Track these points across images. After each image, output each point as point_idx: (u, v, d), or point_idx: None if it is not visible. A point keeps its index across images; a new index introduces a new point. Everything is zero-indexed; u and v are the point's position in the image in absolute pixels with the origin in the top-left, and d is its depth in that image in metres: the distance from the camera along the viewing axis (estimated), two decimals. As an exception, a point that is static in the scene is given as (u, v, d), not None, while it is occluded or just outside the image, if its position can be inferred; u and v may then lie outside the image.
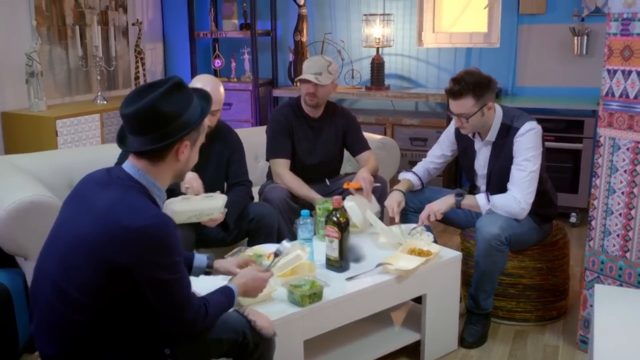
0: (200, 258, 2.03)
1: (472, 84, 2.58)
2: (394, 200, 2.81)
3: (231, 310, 1.81)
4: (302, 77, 3.04)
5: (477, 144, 2.80)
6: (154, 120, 1.60)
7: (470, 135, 2.79)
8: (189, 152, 1.69)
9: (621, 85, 2.38)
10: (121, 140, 1.70)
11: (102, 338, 1.61)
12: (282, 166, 3.07)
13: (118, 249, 1.52)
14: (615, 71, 2.41)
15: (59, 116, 3.90)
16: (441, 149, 2.99)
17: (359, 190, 2.88)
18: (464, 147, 2.87)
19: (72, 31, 4.41)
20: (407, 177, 2.97)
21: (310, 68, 3.04)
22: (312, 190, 2.99)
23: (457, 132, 2.84)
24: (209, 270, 2.04)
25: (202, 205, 2.52)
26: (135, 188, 1.62)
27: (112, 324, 1.61)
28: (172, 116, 1.61)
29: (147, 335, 1.66)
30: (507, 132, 2.67)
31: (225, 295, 1.81)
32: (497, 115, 2.69)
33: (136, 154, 1.66)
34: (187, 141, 1.66)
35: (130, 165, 1.66)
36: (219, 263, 2.06)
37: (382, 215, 2.92)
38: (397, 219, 2.76)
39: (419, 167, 3.02)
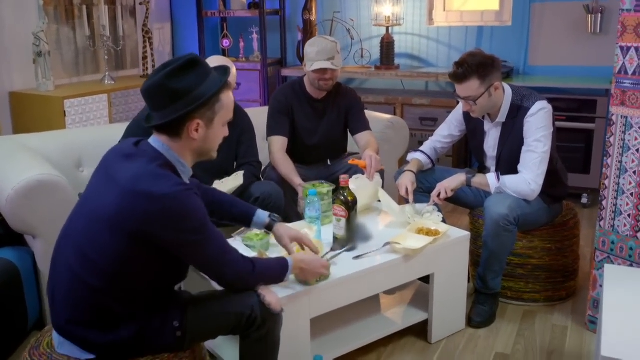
0: (262, 215, 2.08)
1: (475, 65, 2.54)
2: (408, 180, 2.77)
3: None
4: (320, 66, 2.93)
5: (487, 125, 2.77)
6: (163, 95, 1.63)
7: (480, 117, 2.75)
8: (204, 130, 1.68)
9: (634, 62, 2.33)
10: (148, 117, 1.72)
11: (115, 307, 1.63)
12: (276, 145, 3.03)
13: (141, 218, 1.56)
14: (628, 48, 2.35)
15: (67, 96, 3.90)
16: (449, 129, 2.95)
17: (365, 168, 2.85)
18: (473, 128, 2.83)
19: (79, 11, 4.39)
20: (417, 157, 2.94)
21: (321, 54, 2.94)
22: (296, 174, 2.93)
23: (466, 112, 2.81)
24: (268, 231, 2.09)
25: (231, 184, 2.62)
26: (159, 160, 1.64)
27: (126, 293, 1.63)
28: (181, 92, 1.62)
29: (157, 307, 1.69)
30: (517, 112, 2.63)
31: (279, 265, 1.86)
32: (506, 96, 2.65)
33: (156, 130, 1.69)
34: (198, 119, 1.65)
35: (156, 139, 1.69)
36: (278, 228, 2.08)
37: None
38: (411, 199, 2.74)
39: (427, 146, 2.98)
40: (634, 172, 2.39)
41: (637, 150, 2.37)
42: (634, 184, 2.39)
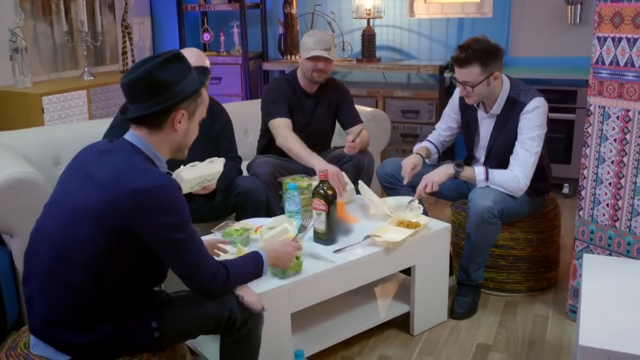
0: None
1: (479, 51, 2.54)
2: (410, 161, 2.77)
3: None
4: (315, 54, 2.93)
5: (480, 115, 2.77)
6: (150, 87, 1.63)
7: (475, 105, 2.75)
8: (186, 123, 1.70)
9: (611, 52, 2.34)
10: (123, 112, 1.72)
11: (92, 307, 1.61)
12: (284, 126, 2.99)
13: (127, 213, 1.54)
14: (605, 38, 2.36)
15: (45, 93, 3.84)
16: (446, 122, 2.96)
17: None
18: (467, 120, 2.84)
19: (57, 6, 4.32)
20: (425, 145, 2.95)
21: (318, 43, 2.95)
22: (316, 155, 2.88)
23: (462, 103, 2.81)
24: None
25: (206, 170, 2.51)
26: (138, 154, 1.64)
27: (106, 292, 1.61)
28: (168, 83, 1.64)
29: (135, 307, 1.67)
30: (513, 106, 2.63)
31: (253, 262, 1.83)
32: (504, 88, 2.65)
33: (135, 122, 1.68)
34: (183, 110, 1.67)
35: (132, 134, 1.69)
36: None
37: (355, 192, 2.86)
38: (406, 180, 2.73)
39: (432, 137, 3.01)
40: (612, 162, 2.40)
41: (615, 140, 2.38)
42: (612, 174, 2.41)
